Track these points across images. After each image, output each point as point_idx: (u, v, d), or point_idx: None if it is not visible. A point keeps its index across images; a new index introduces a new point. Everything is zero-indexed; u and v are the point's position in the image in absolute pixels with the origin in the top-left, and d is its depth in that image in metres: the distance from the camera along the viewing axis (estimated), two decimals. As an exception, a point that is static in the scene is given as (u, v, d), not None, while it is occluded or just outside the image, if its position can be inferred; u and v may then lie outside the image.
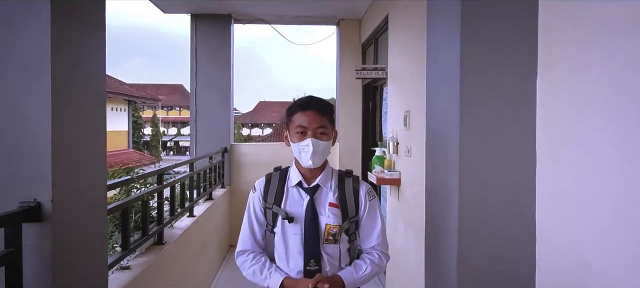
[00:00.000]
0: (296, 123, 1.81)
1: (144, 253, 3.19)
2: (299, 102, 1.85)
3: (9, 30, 1.73)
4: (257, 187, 1.95)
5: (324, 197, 1.87)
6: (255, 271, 1.84)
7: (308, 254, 1.81)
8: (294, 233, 1.84)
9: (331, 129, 1.85)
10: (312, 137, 1.77)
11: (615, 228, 1.46)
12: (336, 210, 1.85)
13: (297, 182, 1.86)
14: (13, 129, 1.74)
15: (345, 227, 1.86)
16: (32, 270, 1.72)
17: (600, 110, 1.53)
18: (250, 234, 1.92)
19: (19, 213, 1.65)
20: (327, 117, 1.83)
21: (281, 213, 1.83)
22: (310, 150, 1.77)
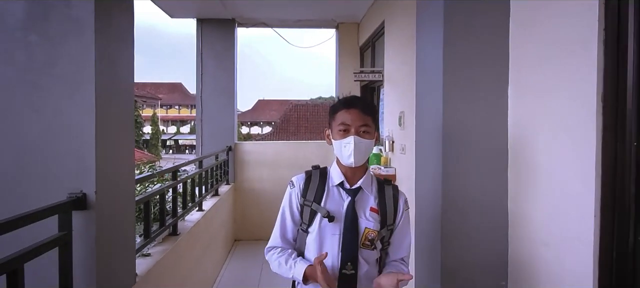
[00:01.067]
0: (339, 120, 1.76)
1: (161, 242, 3.50)
2: (344, 100, 1.81)
3: (58, 47, 2.04)
4: (296, 182, 1.86)
5: (365, 201, 1.80)
6: (281, 262, 1.79)
7: (345, 257, 1.74)
8: (332, 233, 1.76)
9: (374, 129, 1.80)
10: (355, 134, 1.72)
11: (568, 211, 1.77)
12: (376, 216, 1.79)
13: (339, 182, 1.80)
14: (62, 131, 2.05)
15: (382, 234, 1.80)
16: (79, 251, 2.03)
17: (556, 113, 1.85)
18: (282, 232, 1.86)
19: (69, 203, 1.97)
20: (370, 116, 1.78)
21: (322, 211, 1.75)
22: (351, 147, 1.72)
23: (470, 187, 2.28)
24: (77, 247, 2.02)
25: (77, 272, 2.00)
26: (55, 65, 2.04)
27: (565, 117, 1.79)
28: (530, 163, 2.07)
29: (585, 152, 1.66)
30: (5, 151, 2.01)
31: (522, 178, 2.14)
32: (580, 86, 1.69)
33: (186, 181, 4.22)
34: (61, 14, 2.02)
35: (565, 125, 1.79)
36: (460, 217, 2.29)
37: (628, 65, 1.52)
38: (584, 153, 1.66)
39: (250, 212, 7.04)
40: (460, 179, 2.28)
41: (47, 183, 2.02)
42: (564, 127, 1.80)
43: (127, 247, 2.50)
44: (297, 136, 28.22)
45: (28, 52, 2.02)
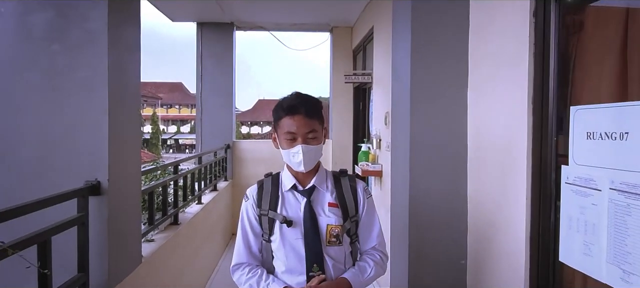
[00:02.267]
0: (285, 128, 1.67)
1: (163, 230, 3.83)
2: (286, 105, 1.69)
3: (76, 55, 2.36)
4: (249, 194, 1.81)
5: (321, 198, 1.75)
6: (252, 285, 1.71)
7: (310, 258, 1.69)
8: (295, 238, 1.70)
9: (321, 130, 1.73)
10: (302, 143, 1.65)
11: (508, 197, 2.10)
12: (336, 210, 1.74)
13: (292, 186, 1.75)
14: (80, 127, 2.37)
15: (347, 227, 1.75)
16: (94, 231, 2.36)
17: (501, 114, 2.19)
18: (245, 246, 1.78)
19: (86, 189, 2.30)
20: (316, 118, 1.70)
21: (278, 217, 1.70)
22: (300, 156, 1.66)
23: (434, 179, 2.61)
24: (92, 228, 2.34)
25: (92, 249, 2.33)
26: (74, 70, 2.37)
27: (507, 118, 2.12)
28: (483, 158, 2.40)
29: (519, 148, 1.99)
30: (32, 144, 2.34)
31: (479, 171, 2.47)
32: (516, 91, 2.02)
33: (187, 175, 4.54)
34: (79, 27, 2.35)
35: (506, 124, 2.12)
36: (425, 205, 2.62)
37: (550, 74, 1.85)
38: (518, 149, 2.00)
39: (247, 207, 7.36)
40: (426, 172, 2.61)
41: (67, 172, 2.35)
42: (506, 126, 2.13)
43: (134, 231, 2.83)
44: (296, 136, 28.41)
45: (51, 59, 2.35)
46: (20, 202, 1.87)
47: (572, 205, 1.71)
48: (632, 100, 1.47)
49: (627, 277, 1.44)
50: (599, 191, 1.56)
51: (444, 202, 2.61)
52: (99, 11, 2.35)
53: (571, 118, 1.70)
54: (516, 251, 2.03)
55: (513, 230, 2.06)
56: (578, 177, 1.67)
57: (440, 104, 2.60)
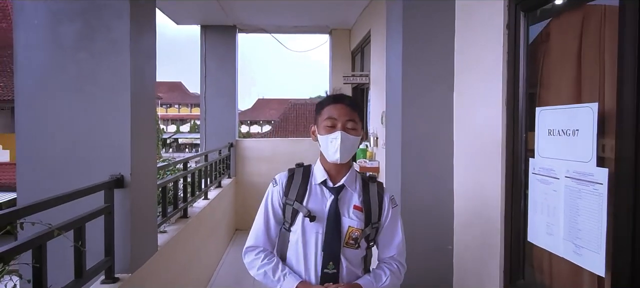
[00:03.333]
0: (326, 115, 1.72)
1: (174, 223, 4.10)
2: (331, 95, 1.79)
3: (101, 62, 2.63)
4: (278, 180, 1.81)
5: (348, 198, 1.75)
6: (267, 272, 1.72)
7: (327, 256, 1.69)
8: (314, 232, 1.71)
9: (360, 126, 1.76)
10: (342, 129, 1.68)
11: (487, 188, 2.38)
12: (360, 214, 1.73)
13: (322, 180, 1.75)
14: (105, 126, 2.64)
15: (366, 233, 1.74)
16: (119, 220, 2.63)
17: (480, 115, 2.47)
18: (265, 230, 1.79)
19: (112, 182, 2.57)
20: (357, 112, 1.75)
21: (303, 210, 1.70)
22: (338, 143, 1.66)
23: (423, 173, 2.89)
24: (117, 217, 2.61)
25: (117, 235, 2.60)
26: (99, 76, 2.64)
27: (485, 117, 2.40)
28: (466, 153, 2.68)
29: (495, 144, 2.27)
30: (63, 142, 2.61)
31: (463, 165, 2.75)
32: (493, 93, 2.30)
33: (194, 172, 4.82)
34: (104, 36, 2.62)
35: (485, 123, 2.40)
36: (416, 196, 2.90)
37: (520, 79, 2.13)
38: (494, 145, 2.28)
39: (249, 203, 7.62)
40: (416, 167, 2.89)
41: (94, 167, 2.62)
42: (485, 125, 2.41)
43: (151, 221, 3.11)
44: (295, 134, 28.79)
45: (78, 66, 2.62)
46: (52, 193, 2.14)
47: (537, 192, 1.99)
48: (584, 102, 1.75)
49: (578, 251, 1.72)
50: (557, 179, 1.84)
51: (433, 193, 2.88)
52: (121, 22, 2.62)
53: (536, 117, 1.98)
54: (493, 234, 2.31)
55: (490, 217, 2.34)
56: (542, 168, 1.95)
57: (429, 104, 2.88)
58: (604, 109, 1.61)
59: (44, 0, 2.58)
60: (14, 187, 16.30)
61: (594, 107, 1.63)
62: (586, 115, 1.67)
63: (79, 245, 2.13)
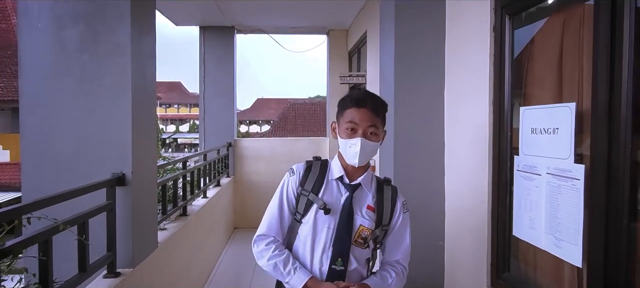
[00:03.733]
0: (348, 118, 1.69)
1: (174, 220, 4.19)
2: (355, 96, 1.73)
3: (104, 64, 2.72)
4: (296, 170, 1.81)
5: (363, 198, 1.76)
6: (278, 264, 1.70)
7: (337, 252, 1.70)
8: (325, 226, 1.71)
9: (381, 130, 1.74)
10: (362, 136, 1.66)
11: (477, 184, 2.47)
12: (372, 214, 1.75)
13: (339, 176, 1.76)
14: (107, 127, 2.73)
15: (376, 234, 1.75)
16: (120, 217, 2.71)
17: (469, 114, 2.56)
18: (279, 219, 1.78)
19: (113, 180, 2.65)
20: (380, 117, 1.72)
21: (318, 202, 1.71)
22: (358, 149, 1.66)
23: (416, 170, 2.98)
24: (118, 214, 2.70)
25: (119, 231, 2.69)
26: (102, 78, 2.73)
27: (473, 117, 2.49)
28: (457, 152, 2.77)
29: (482, 142, 2.36)
30: (67, 141, 2.70)
31: (453, 163, 2.84)
32: (480, 94, 2.39)
33: (193, 171, 4.91)
34: (106, 39, 2.71)
35: (473, 122, 2.50)
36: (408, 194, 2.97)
37: (506, 80, 2.22)
38: (482, 143, 2.37)
39: (248, 202, 7.72)
40: (408, 164, 2.98)
41: (96, 165, 2.70)
42: (473, 124, 2.50)
43: (151, 219, 3.20)
44: (294, 134, 28.83)
45: (82, 68, 2.70)
46: (57, 190, 2.22)
47: (521, 188, 2.09)
48: (564, 102, 1.84)
49: (558, 243, 1.81)
50: (539, 175, 1.94)
51: (425, 191, 2.97)
52: (123, 25, 2.71)
53: (520, 116, 2.08)
54: (481, 229, 2.41)
55: (479, 212, 2.44)
56: (525, 165, 2.04)
57: (421, 103, 2.97)
58: (581, 108, 1.70)
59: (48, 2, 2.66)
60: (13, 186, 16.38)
61: (572, 106, 1.72)
62: (565, 114, 1.76)
63: (83, 238, 2.21)
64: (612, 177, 1.50)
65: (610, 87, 1.50)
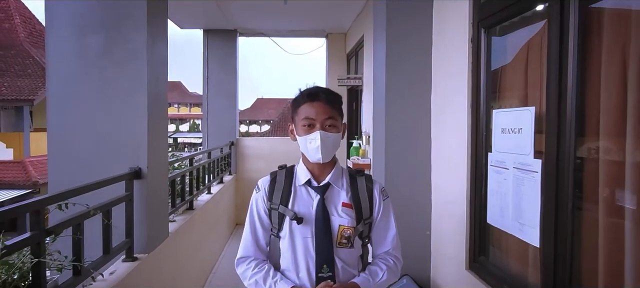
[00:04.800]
0: (302, 115, 1.63)
1: (181, 213, 4.48)
2: (306, 91, 1.66)
3: (121, 69, 3.00)
4: (261, 186, 1.73)
5: (335, 197, 1.66)
6: (258, 281, 1.63)
7: (320, 259, 1.61)
8: (303, 236, 1.62)
9: (340, 122, 1.66)
10: (321, 129, 1.59)
11: (457, 178, 2.76)
12: (350, 211, 1.64)
13: (306, 181, 1.67)
14: (125, 125, 3.01)
15: (359, 230, 1.65)
16: (137, 207, 3.00)
17: (451, 115, 2.85)
18: (253, 239, 1.70)
19: (131, 174, 2.94)
20: (336, 108, 1.65)
21: (289, 213, 1.62)
22: (318, 143, 1.59)
23: (405, 167, 3.27)
24: (135, 205, 2.99)
25: (136, 220, 2.97)
26: (120, 81, 3.01)
27: (454, 118, 2.78)
28: (442, 151, 3.07)
29: (462, 141, 2.65)
30: (89, 139, 2.98)
31: (439, 160, 3.14)
32: (460, 98, 2.68)
33: (199, 168, 5.20)
34: (123, 47, 3.00)
35: (454, 123, 2.79)
36: (399, 188, 3.28)
37: (481, 85, 2.51)
38: (462, 142, 2.66)
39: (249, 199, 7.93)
40: (399, 162, 3.27)
41: (116, 160, 2.99)
42: (454, 124, 2.79)
43: (163, 210, 3.49)
44: (294, 134, 28.97)
45: (101, 73, 2.99)
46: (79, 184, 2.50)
47: (493, 181, 2.38)
48: (527, 106, 2.13)
49: (521, 227, 2.11)
50: (507, 170, 2.23)
51: (413, 186, 3.27)
52: (139, 34, 2.99)
53: (493, 118, 2.37)
54: (461, 219, 2.70)
55: (459, 204, 2.73)
56: (497, 161, 2.34)
57: (410, 104, 3.26)
58: (539, 112, 1.99)
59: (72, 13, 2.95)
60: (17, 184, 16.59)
61: (532, 110, 2.02)
62: (527, 116, 2.06)
63: (109, 222, 2.50)
64: (560, 169, 1.78)
65: (559, 94, 1.78)
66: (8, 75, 18.32)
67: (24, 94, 17.34)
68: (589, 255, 1.73)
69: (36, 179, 16.53)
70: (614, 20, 1.66)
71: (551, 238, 1.84)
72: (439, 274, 3.09)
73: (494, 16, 2.41)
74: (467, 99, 2.60)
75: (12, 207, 1.88)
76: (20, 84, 17.69)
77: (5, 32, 19.94)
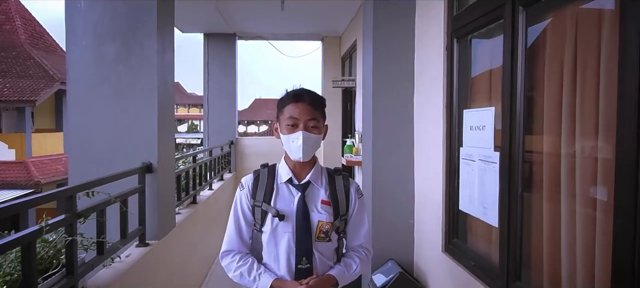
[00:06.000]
0: (287, 114, 1.73)
1: (186, 207, 4.81)
2: (292, 93, 1.76)
3: (136, 73, 3.34)
4: (244, 184, 1.85)
5: (315, 194, 1.78)
6: (243, 273, 1.75)
7: (300, 252, 1.73)
8: (284, 231, 1.74)
9: (322, 124, 1.78)
10: (304, 129, 1.70)
11: (435, 174, 3.11)
12: (328, 208, 1.77)
13: (288, 179, 1.78)
14: (138, 124, 3.35)
15: (336, 225, 1.79)
16: (149, 199, 3.33)
17: (430, 115, 3.19)
18: (237, 234, 1.83)
19: (144, 168, 3.27)
20: (319, 110, 1.76)
21: (272, 211, 1.73)
22: (300, 143, 1.69)
23: (391, 162, 3.61)
24: (147, 196, 3.32)
25: (147, 210, 3.30)
26: (134, 85, 3.34)
27: (433, 117, 3.13)
28: (423, 146, 3.41)
29: (438, 138, 3.00)
30: (106, 137, 3.32)
31: (420, 154, 3.48)
32: (437, 99, 3.02)
33: (202, 165, 5.53)
34: (138, 54, 3.33)
35: (433, 122, 3.13)
36: (385, 181, 3.62)
37: (454, 88, 2.85)
38: (438, 139, 3.00)
39: (249, 196, 8.34)
40: (385, 157, 3.61)
41: (129, 156, 3.32)
42: (433, 123, 3.13)
43: (171, 202, 3.82)
44: (292, 134, 29.23)
45: (118, 77, 3.32)
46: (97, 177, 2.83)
47: (463, 172, 2.72)
48: (490, 106, 2.47)
49: (485, 211, 2.45)
50: (474, 161, 2.57)
51: (398, 179, 3.61)
52: (151, 42, 3.32)
53: (464, 117, 2.71)
54: (438, 208, 3.04)
55: (437, 193, 3.07)
56: (466, 154, 2.68)
57: (395, 106, 3.60)
58: (498, 111, 2.33)
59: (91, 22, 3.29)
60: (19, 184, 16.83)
61: (492, 109, 2.36)
62: (489, 115, 2.40)
63: (126, 210, 2.84)
64: (512, 160, 2.13)
65: (511, 96, 2.13)
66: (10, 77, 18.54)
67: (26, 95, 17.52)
68: (535, 232, 2.07)
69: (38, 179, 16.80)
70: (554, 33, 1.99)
71: (505, 217, 2.18)
72: (421, 258, 3.44)
73: (464, 28, 2.75)
74: (442, 101, 2.95)
75: (49, 193, 2.22)
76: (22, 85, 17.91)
77: (7, 34, 20.16)
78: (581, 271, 1.73)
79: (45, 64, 18.89)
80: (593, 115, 1.65)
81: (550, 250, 1.95)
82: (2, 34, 20.08)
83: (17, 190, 16.52)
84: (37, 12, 21.89)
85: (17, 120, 18.94)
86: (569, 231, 1.80)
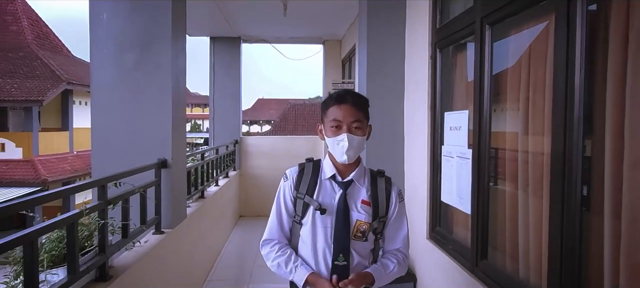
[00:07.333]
0: (331, 117, 1.75)
1: (195, 201, 5.17)
2: (335, 95, 1.79)
3: (151, 78, 3.70)
4: (289, 175, 1.88)
5: (356, 193, 1.80)
6: (280, 263, 1.79)
7: (337, 248, 1.75)
8: (323, 226, 1.77)
9: (366, 124, 1.81)
10: (347, 131, 1.72)
11: (421, 167, 3.46)
12: (368, 208, 1.79)
13: (331, 175, 1.81)
14: (154, 124, 3.71)
15: (374, 226, 1.80)
16: (164, 192, 3.69)
17: (417, 117, 3.55)
18: (278, 224, 1.86)
19: (159, 163, 3.64)
20: (362, 111, 1.78)
21: (314, 204, 1.77)
22: (345, 145, 1.71)
23: (383, 158, 3.96)
24: (162, 189, 3.68)
25: (162, 202, 3.67)
26: (150, 88, 3.71)
27: (419, 119, 3.48)
28: (412, 144, 3.76)
29: (423, 137, 3.35)
30: (123, 135, 3.68)
31: (409, 152, 3.84)
32: (423, 102, 3.37)
33: (209, 162, 5.90)
34: (152, 60, 3.69)
35: (419, 123, 3.48)
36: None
37: (437, 92, 3.20)
38: (423, 138, 3.36)
39: (252, 193, 8.71)
40: (378, 154, 3.96)
41: (146, 152, 3.68)
42: (419, 124, 3.49)
43: (183, 196, 4.19)
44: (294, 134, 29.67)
45: (135, 82, 3.69)
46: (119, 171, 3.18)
47: (444, 168, 3.07)
48: (465, 109, 2.82)
49: (461, 201, 2.80)
50: (453, 158, 2.92)
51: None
52: (165, 50, 3.69)
53: (445, 119, 3.06)
54: (423, 200, 3.39)
55: (422, 186, 3.42)
56: (447, 152, 3.03)
57: (386, 107, 3.95)
58: (472, 114, 2.68)
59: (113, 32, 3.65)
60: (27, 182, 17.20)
61: (467, 112, 2.71)
62: (464, 117, 2.75)
63: (146, 200, 3.21)
64: (481, 156, 2.48)
65: (480, 100, 2.48)
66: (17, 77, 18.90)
67: (33, 94, 17.85)
68: (499, 218, 2.42)
69: (45, 177, 17.20)
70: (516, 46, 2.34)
71: (475, 205, 2.54)
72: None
73: (445, 39, 3.10)
74: (427, 103, 3.30)
75: (82, 183, 2.58)
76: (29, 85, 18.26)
77: (14, 35, 20.51)
78: (533, 249, 2.08)
79: (51, 64, 19.23)
80: (540, 118, 2.00)
81: (509, 234, 2.30)
82: (9, 34, 20.42)
83: (25, 187, 16.92)
84: (42, 11, 22.19)
85: (25, 119, 19.29)
86: (524, 214, 2.15)
